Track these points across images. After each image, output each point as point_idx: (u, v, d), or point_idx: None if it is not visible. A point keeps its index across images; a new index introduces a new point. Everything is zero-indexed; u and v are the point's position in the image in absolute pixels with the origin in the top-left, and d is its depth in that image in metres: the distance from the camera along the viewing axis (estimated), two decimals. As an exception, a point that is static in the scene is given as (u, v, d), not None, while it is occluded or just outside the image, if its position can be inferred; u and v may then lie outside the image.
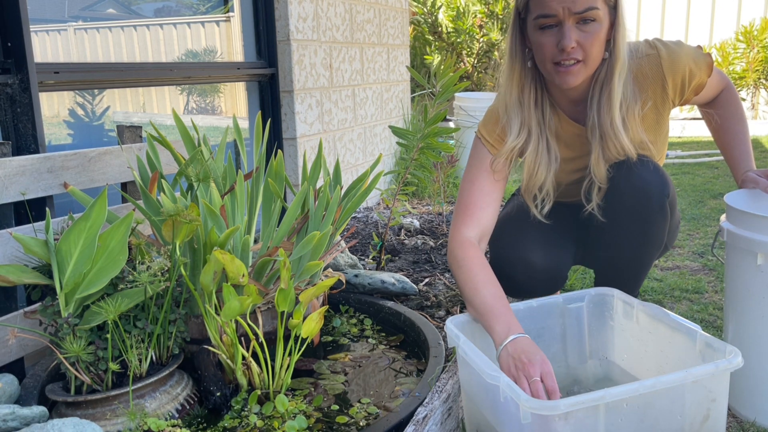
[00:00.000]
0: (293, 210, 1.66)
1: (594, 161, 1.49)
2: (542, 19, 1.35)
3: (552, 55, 1.37)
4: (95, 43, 2.24)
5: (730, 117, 1.64)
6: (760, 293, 1.40)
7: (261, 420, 1.39)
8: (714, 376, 1.15)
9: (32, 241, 1.33)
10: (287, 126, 2.88)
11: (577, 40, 1.34)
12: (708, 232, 2.95)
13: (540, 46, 1.38)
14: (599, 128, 1.46)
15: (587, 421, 1.09)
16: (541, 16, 1.35)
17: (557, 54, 1.36)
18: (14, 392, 1.39)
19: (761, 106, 7.28)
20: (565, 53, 1.34)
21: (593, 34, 1.35)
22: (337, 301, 2.01)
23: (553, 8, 1.32)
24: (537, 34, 1.38)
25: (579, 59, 1.36)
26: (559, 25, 1.34)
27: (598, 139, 1.47)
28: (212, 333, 1.45)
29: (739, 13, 7.71)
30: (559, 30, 1.34)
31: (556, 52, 1.36)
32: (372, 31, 3.64)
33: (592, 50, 1.36)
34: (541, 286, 1.62)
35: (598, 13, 1.33)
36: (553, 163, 1.52)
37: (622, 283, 1.58)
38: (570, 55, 1.35)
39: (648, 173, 1.48)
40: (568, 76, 1.38)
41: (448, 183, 3.88)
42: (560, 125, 1.55)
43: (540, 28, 1.36)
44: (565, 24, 1.33)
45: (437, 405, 1.35)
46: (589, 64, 1.38)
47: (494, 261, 1.71)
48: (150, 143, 1.72)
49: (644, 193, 1.48)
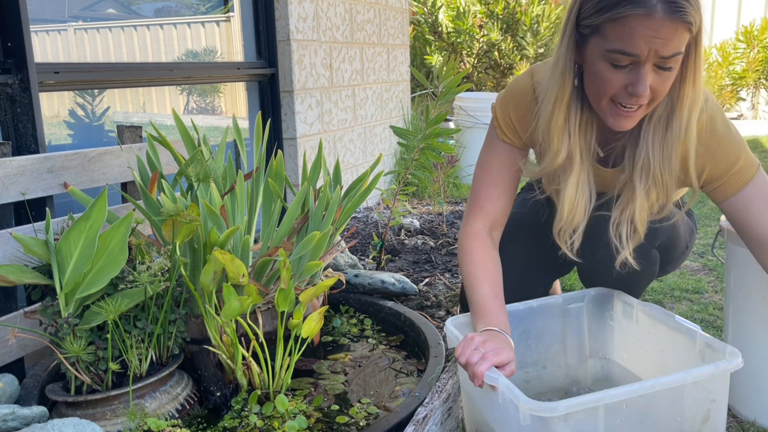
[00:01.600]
0: (293, 210, 1.66)
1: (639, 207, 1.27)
2: (621, 56, 1.11)
3: (614, 94, 1.16)
4: (95, 43, 2.24)
5: None
6: (760, 293, 1.40)
7: (261, 420, 1.39)
8: (714, 377, 1.15)
9: (32, 241, 1.33)
10: (287, 126, 2.88)
11: (650, 85, 1.13)
12: (708, 232, 2.95)
13: (603, 81, 1.15)
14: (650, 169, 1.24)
15: (587, 423, 1.08)
16: (621, 53, 1.10)
17: (623, 96, 1.15)
18: (14, 392, 1.39)
19: (761, 106, 7.28)
20: (634, 98, 1.14)
21: (668, 78, 1.14)
22: (337, 301, 2.01)
23: (639, 48, 1.08)
24: (603, 67, 1.15)
25: (644, 104, 1.16)
26: (635, 65, 1.12)
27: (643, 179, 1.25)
28: (212, 333, 1.45)
29: (739, 13, 7.71)
30: (632, 71, 1.12)
31: (623, 93, 1.15)
32: (372, 31, 3.64)
33: (662, 94, 1.16)
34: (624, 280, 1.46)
35: (681, 56, 1.13)
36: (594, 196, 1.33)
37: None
38: (639, 101, 1.14)
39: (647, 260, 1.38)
40: (626, 121, 1.18)
41: (449, 183, 3.89)
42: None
43: (612, 64, 1.13)
44: (643, 66, 1.11)
45: (437, 405, 1.35)
46: (652, 106, 1.19)
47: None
48: (150, 143, 1.72)
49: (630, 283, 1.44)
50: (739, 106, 7.36)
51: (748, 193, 1.26)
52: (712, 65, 7.33)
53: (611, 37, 1.11)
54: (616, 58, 1.11)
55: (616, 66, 1.13)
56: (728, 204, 1.28)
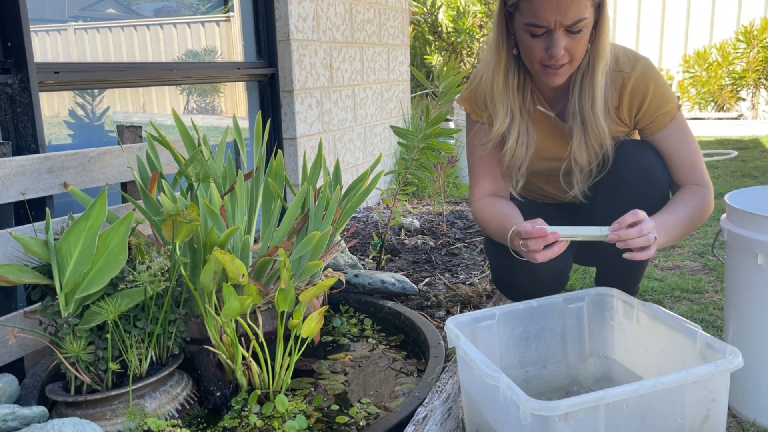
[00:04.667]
0: (293, 210, 1.65)
1: (576, 147, 1.53)
2: (533, 27, 1.38)
3: (540, 57, 1.42)
4: (95, 43, 2.24)
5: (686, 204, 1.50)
6: (760, 293, 1.40)
7: (261, 420, 1.39)
8: (714, 377, 1.15)
9: (32, 241, 1.32)
10: (287, 126, 2.88)
11: (565, 47, 1.38)
12: (708, 232, 2.95)
13: (528, 48, 1.42)
14: (580, 114, 1.51)
15: (587, 422, 1.08)
16: (534, 25, 1.37)
17: (546, 58, 1.41)
18: (14, 392, 1.39)
19: (761, 106, 7.28)
20: (554, 59, 1.39)
21: (580, 39, 1.39)
22: (337, 301, 2.00)
23: (545, 20, 1.35)
24: (525, 37, 1.41)
25: (566, 63, 1.42)
26: (548, 33, 1.38)
27: (579, 124, 1.52)
28: (212, 333, 1.45)
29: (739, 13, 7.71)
30: (548, 37, 1.38)
31: (545, 56, 1.40)
32: (372, 31, 3.64)
33: (578, 52, 1.41)
34: (545, 290, 1.62)
35: (586, 21, 1.37)
36: (531, 145, 1.59)
37: (626, 274, 1.59)
38: (559, 62, 1.40)
39: (653, 156, 1.53)
40: (555, 78, 1.44)
41: (449, 183, 3.89)
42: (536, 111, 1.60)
43: (531, 35, 1.40)
44: (554, 33, 1.37)
45: (437, 405, 1.35)
46: (575, 63, 1.44)
47: (497, 269, 1.71)
48: (150, 143, 1.72)
49: (650, 175, 1.52)
50: (739, 106, 7.36)
51: (671, 128, 1.52)
52: (712, 65, 7.33)
53: (526, 13, 1.38)
54: (532, 30, 1.38)
55: (534, 36, 1.39)
56: (655, 138, 1.54)
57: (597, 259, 1.76)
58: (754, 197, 1.58)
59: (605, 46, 1.45)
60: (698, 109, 7.57)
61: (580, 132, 1.52)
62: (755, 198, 1.58)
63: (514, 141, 1.57)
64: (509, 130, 1.57)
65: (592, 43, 1.45)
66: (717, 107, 7.44)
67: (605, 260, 1.70)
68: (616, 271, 1.68)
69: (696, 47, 7.70)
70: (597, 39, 1.44)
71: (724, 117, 7.04)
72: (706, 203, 1.50)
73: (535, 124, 1.60)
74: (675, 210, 1.47)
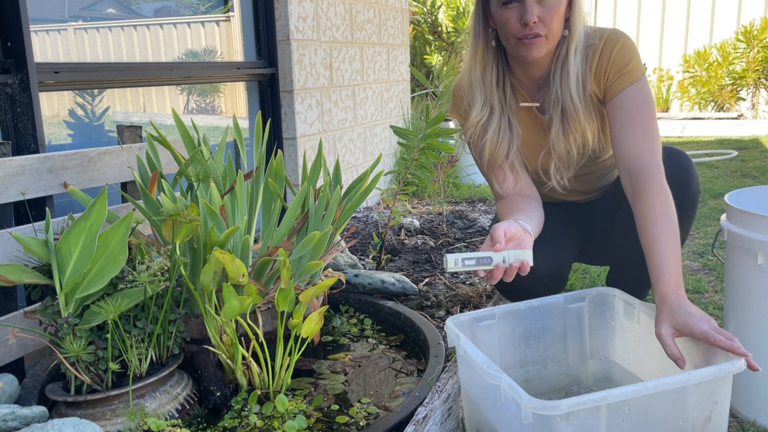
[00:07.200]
0: (293, 210, 1.65)
1: (554, 135, 1.56)
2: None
3: (515, 30, 1.45)
4: (95, 43, 2.24)
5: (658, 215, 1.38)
6: (760, 293, 1.40)
7: (261, 420, 1.39)
8: (717, 379, 1.14)
9: (32, 240, 1.32)
10: (287, 126, 2.88)
11: (538, 15, 1.42)
12: (708, 232, 2.95)
13: (504, 23, 1.46)
14: (560, 103, 1.52)
15: (589, 422, 1.08)
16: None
17: (520, 29, 1.44)
18: (14, 392, 1.38)
19: (761, 106, 7.28)
20: (528, 27, 1.42)
21: (553, 9, 1.43)
22: (337, 301, 2.00)
23: None
24: (500, 11, 1.46)
25: (541, 34, 1.44)
26: (521, 2, 1.43)
27: (559, 113, 1.53)
28: (212, 333, 1.45)
29: (739, 13, 7.71)
30: (521, 6, 1.43)
31: (519, 27, 1.44)
32: (372, 31, 3.64)
33: (552, 24, 1.44)
34: (545, 290, 1.62)
35: None
36: (515, 139, 1.60)
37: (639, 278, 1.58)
38: (533, 30, 1.43)
39: (686, 161, 1.53)
40: (531, 49, 1.46)
41: (449, 183, 3.88)
42: (521, 109, 1.62)
43: (503, 4, 1.45)
44: (526, 1, 1.42)
45: (437, 405, 1.35)
46: (551, 38, 1.46)
47: None
48: (150, 143, 1.71)
49: (684, 182, 1.52)
50: (739, 106, 7.36)
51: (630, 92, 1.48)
52: (712, 65, 7.33)
53: None
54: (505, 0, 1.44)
55: (507, 4, 1.43)
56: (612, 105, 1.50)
57: (611, 260, 1.78)
58: (754, 197, 1.58)
59: (578, 28, 1.49)
60: (698, 109, 7.57)
61: (559, 120, 1.54)
62: (755, 198, 1.58)
63: (494, 133, 1.58)
64: (488, 122, 1.59)
65: (569, 29, 1.48)
66: (717, 107, 7.44)
67: (620, 261, 1.71)
68: (629, 274, 1.66)
69: (696, 47, 7.70)
70: (571, 22, 1.48)
71: (724, 117, 7.04)
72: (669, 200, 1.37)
73: (522, 122, 1.62)
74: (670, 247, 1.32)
